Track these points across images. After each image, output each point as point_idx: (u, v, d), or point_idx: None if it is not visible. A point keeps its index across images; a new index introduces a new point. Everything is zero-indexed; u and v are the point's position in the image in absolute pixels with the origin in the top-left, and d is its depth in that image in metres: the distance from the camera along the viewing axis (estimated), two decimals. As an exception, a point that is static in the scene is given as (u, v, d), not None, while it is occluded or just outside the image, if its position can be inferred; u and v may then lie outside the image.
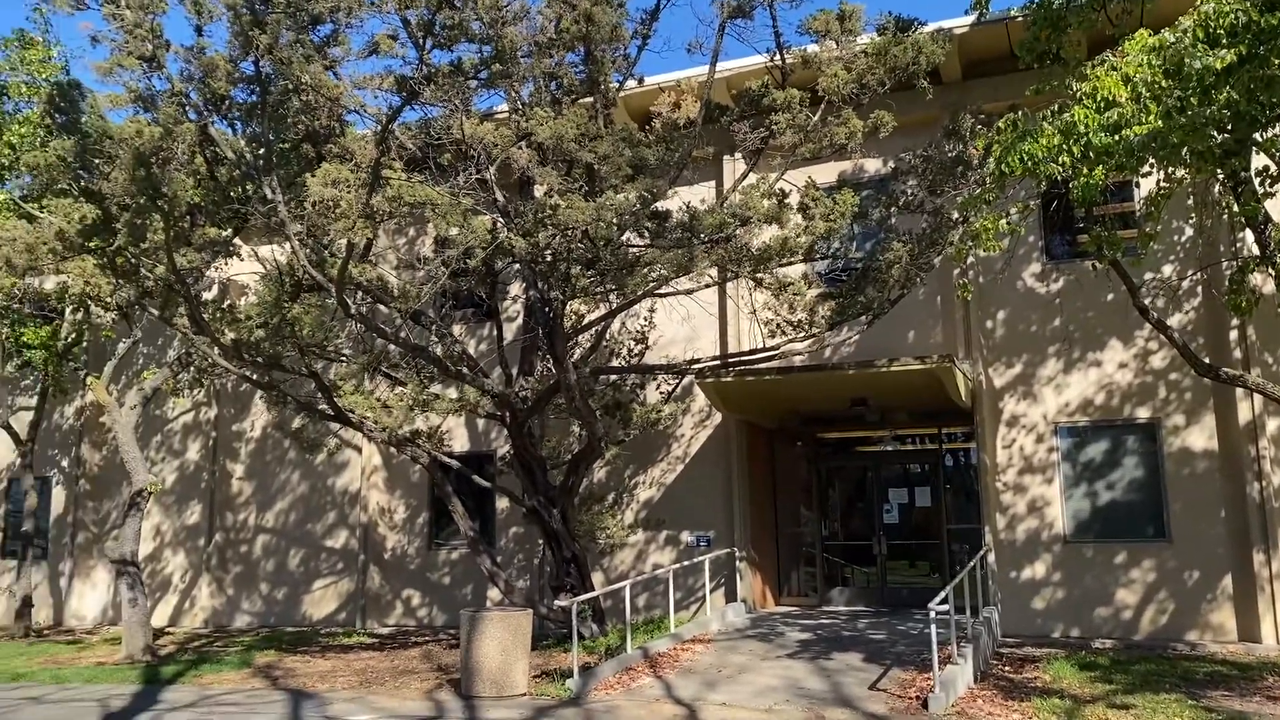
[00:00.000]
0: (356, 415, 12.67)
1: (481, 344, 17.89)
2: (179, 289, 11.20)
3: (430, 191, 10.70)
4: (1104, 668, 11.78)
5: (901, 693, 10.39)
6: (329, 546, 19.00)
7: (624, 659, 12.20)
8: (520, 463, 14.28)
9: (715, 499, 16.48)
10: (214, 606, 19.66)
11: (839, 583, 17.57)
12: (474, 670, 10.95)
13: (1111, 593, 14.38)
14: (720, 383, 14.75)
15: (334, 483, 19.17)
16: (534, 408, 13.41)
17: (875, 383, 14.65)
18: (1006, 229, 9.82)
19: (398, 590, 18.36)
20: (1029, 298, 15.44)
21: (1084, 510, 14.81)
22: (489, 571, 14.26)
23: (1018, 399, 15.31)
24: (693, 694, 10.72)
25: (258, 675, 13.10)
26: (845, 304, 12.80)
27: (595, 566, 16.51)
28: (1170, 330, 11.76)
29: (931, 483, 17.30)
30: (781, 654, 12.66)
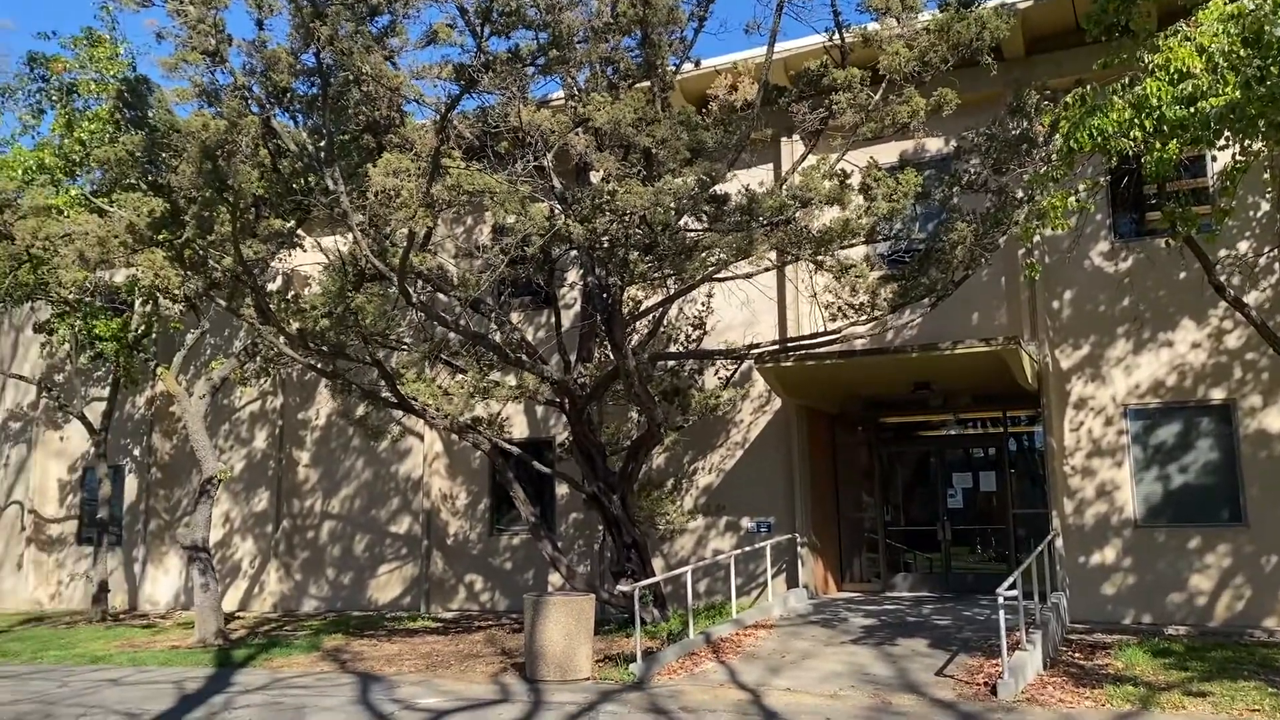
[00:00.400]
0: (419, 402, 12.80)
1: (539, 331, 17.97)
2: (245, 280, 11.40)
3: (488, 179, 10.75)
4: (1178, 654, 11.50)
5: (969, 679, 10.25)
6: (393, 532, 19.27)
7: (686, 644, 12.20)
8: (579, 449, 14.32)
9: (775, 485, 16.40)
10: (282, 591, 20.07)
11: (902, 568, 17.38)
12: (538, 654, 11.03)
13: (1184, 578, 14.03)
14: (780, 367, 14.64)
15: (397, 469, 19.42)
16: (593, 394, 13.43)
17: (939, 366, 14.43)
18: (1075, 206, 9.58)
19: (460, 575, 18.57)
20: (1096, 277, 15.08)
21: (1155, 494, 14.46)
22: (550, 557, 14.36)
23: (1085, 381, 14.98)
24: (756, 679, 10.69)
25: (326, 658, 13.34)
26: (908, 286, 12.60)
27: (655, 552, 16.52)
28: (1247, 308, 11.41)
29: (996, 467, 17.02)
30: (845, 640, 12.57)
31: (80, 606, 21.16)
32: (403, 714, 9.70)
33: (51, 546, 22.73)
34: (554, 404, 14.54)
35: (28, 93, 16.82)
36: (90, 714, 10.17)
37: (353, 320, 11.49)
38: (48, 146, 16.07)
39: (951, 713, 8.96)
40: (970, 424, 17.69)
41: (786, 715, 9.06)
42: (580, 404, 13.58)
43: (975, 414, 17.44)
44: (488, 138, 12.96)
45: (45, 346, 21.85)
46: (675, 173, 10.29)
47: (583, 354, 14.51)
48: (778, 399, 16.55)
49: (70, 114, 16.31)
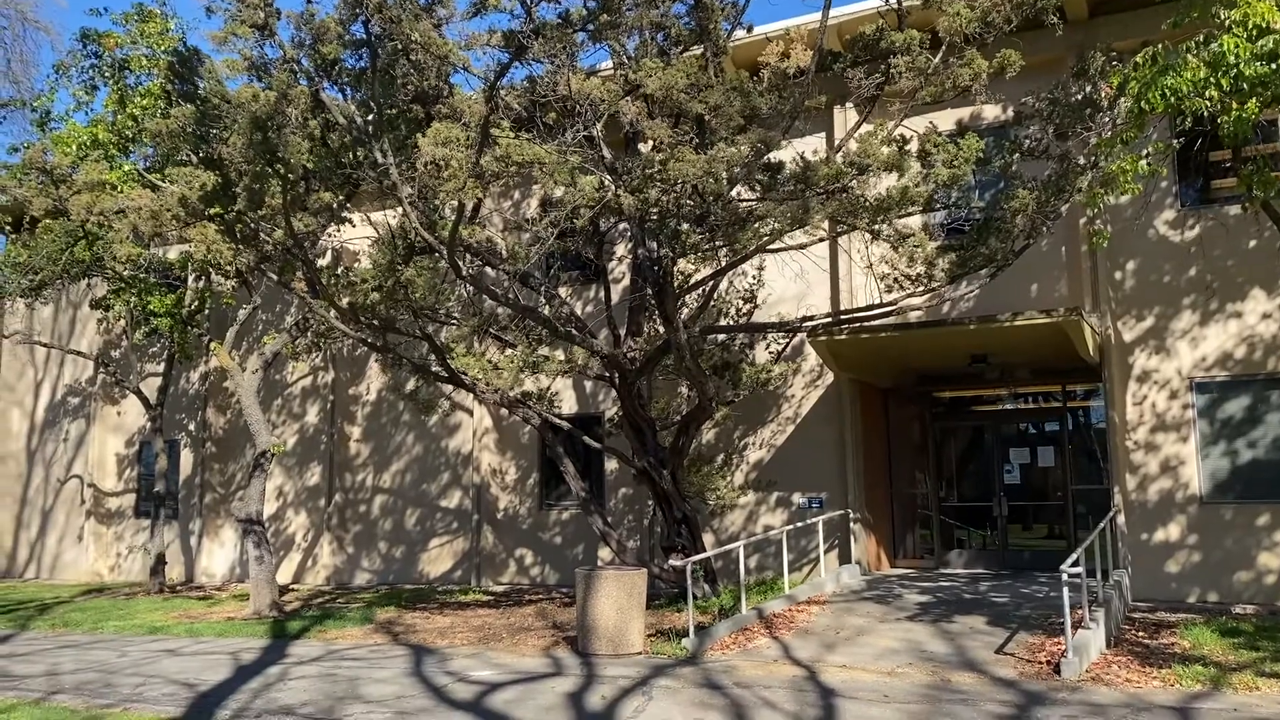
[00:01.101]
0: (469, 377, 12.75)
1: (588, 306, 17.86)
2: (296, 253, 11.38)
3: (538, 150, 10.60)
4: (1248, 634, 11.15)
5: (1030, 657, 10.02)
6: (443, 506, 19.36)
7: (739, 619, 12.09)
8: (630, 424, 14.21)
9: (827, 460, 16.18)
10: (335, 564, 20.27)
11: (956, 545, 17.10)
12: (590, 628, 10.98)
13: (1253, 556, 13.62)
14: (834, 340, 14.38)
15: (447, 444, 19.48)
16: (643, 368, 13.30)
17: (997, 338, 14.09)
18: (1145, 170, 9.21)
19: (510, 549, 18.61)
20: (1161, 246, 14.61)
21: (1222, 470, 14.03)
22: (601, 531, 14.29)
23: (1149, 354, 14.55)
24: (811, 655, 10.54)
25: (379, 631, 13.42)
26: (967, 256, 12.28)
27: (705, 528, 16.41)
28: None
29: (1054, 442, 16.65)
30: (900, 616, 12.37)
31: (139, 578, 21.57)
32: (456, 686, 9.70)
33: (110, 519, 23.17)
34: (603, 379, 14.43)
35: (81, 69, 16.95)
36: (149, 683, 10.30)
37: (402, 294, 11.44)
38: (101, 122, 16.19)
39: (1014, 691, 8.75)
40: (1027, 398, 17.31)
41: (843, 692, 8.91)
42: (630, 378, 13.45)
43: (1033, 388, 17.06)
44: (536, 108, 12.81)
45: (102, 323, 22.20)
46: (728, 141, 10.06)
47: (632, 328, 14.37)
48: (829, 373, 16.30)
49: (123, 90, 16.42)
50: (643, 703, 8.74)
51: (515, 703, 8.93)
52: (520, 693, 9.33)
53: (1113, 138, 9.21)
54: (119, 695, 9.71)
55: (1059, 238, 15.10)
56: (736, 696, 8.87)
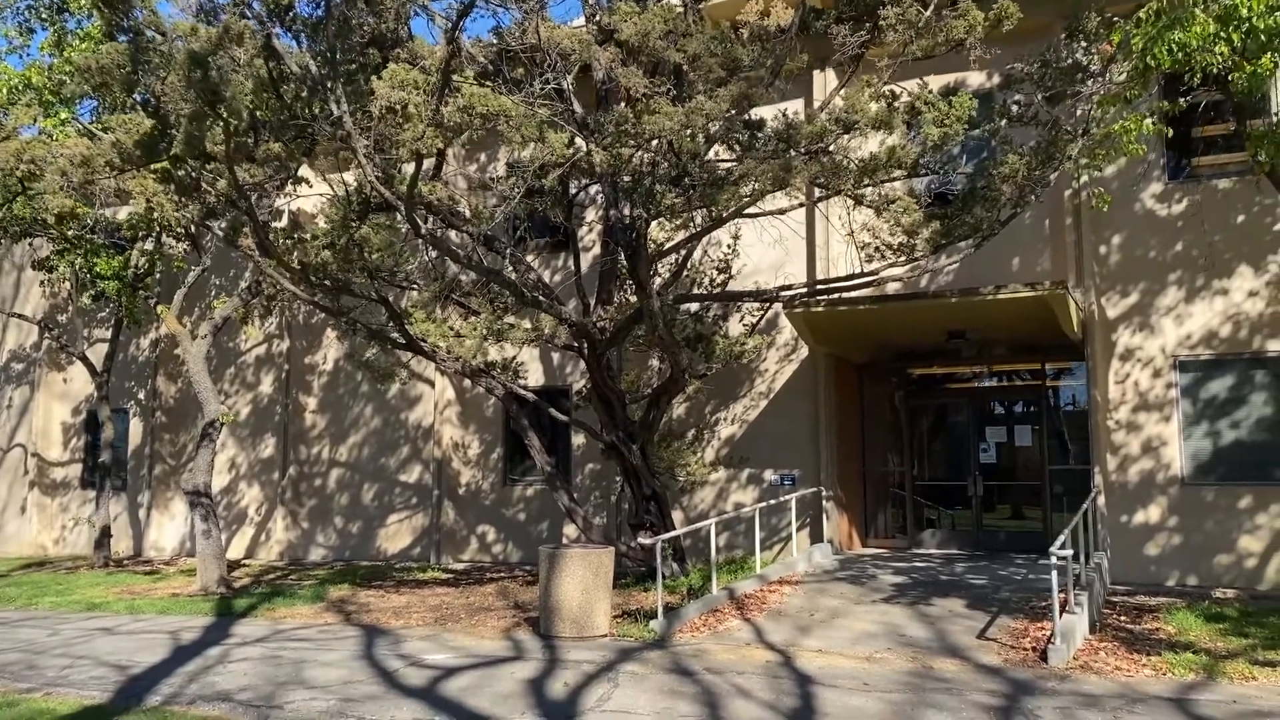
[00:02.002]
0: (429, 344, 12.08)
1: (556, 275, 17.20)
2: (242, 205, 10.63)
3: (504, 101, 9.92)
4: (1233, 620, 10.79)
5: (1014, 643, 9.58)
6: (402, 481, 18.68)
7: (709, 600, 11.58)
8: (598, 396, 13.61)
9: (800, 436, 15.68)
10: (289, 539, 19.55)
11: (929, 525, 16.71)
12: (553, 610, 10.41)
13: (1234, 539, 13.29)
14: (810, 313, 13.85)
15: (406, 417, 18.78)
16: (613, 338, 12.69)
17: (979, 312, 13.61)
18: (1150, 130, 8.70)
19: (472, 526, 17.99)
20: (1148, 220, 14.18)
21: (1204, 450, 13.68)
22: (566, 508, 13.71)
23: (1133, 330, 14.14)
24: (784, 639, 10.05)
25: (331, 610, 12.78)
26: (952, 225, 11.75)
27: (674, 505, 15.89)
28: None
29: (1031, 421, 16.25)
30: (876, 598, 11.91)
31: (84, 552, 20.72)
32: (409, 671, 9.09)
33: (55, 490, 22.27)
34: (571, 349, 13.81)
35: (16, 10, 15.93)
36: (78, 665, 9.60)
37: (357, 253, 10.74)
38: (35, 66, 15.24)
39: (1000, 680, 8.29)
40: (1005, 376, 16.90)
41: (821, 680, 8.41)
42: (600, 348, 12.84)
43: (1010, 366, 16.65)
44: (503, 61, 12.10)
45: (45, 285, 21.21)
46: (708, 94, 9.43)
47: (603, 296, 13.74)
48: (804, 347, 15.79)
49: (60, 33, 15.45)
50: (608, 690, 8.19)
51: (471, 690, 8.34)
52: (477, 678, 8.75)
53: (1115, 95, 8.68)
54: (43, 679, 9.02)
55: (1042, 210, 14.64)
56: (708, 684, 8.34)
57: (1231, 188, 13.69)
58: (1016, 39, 13.72)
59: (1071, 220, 14.48)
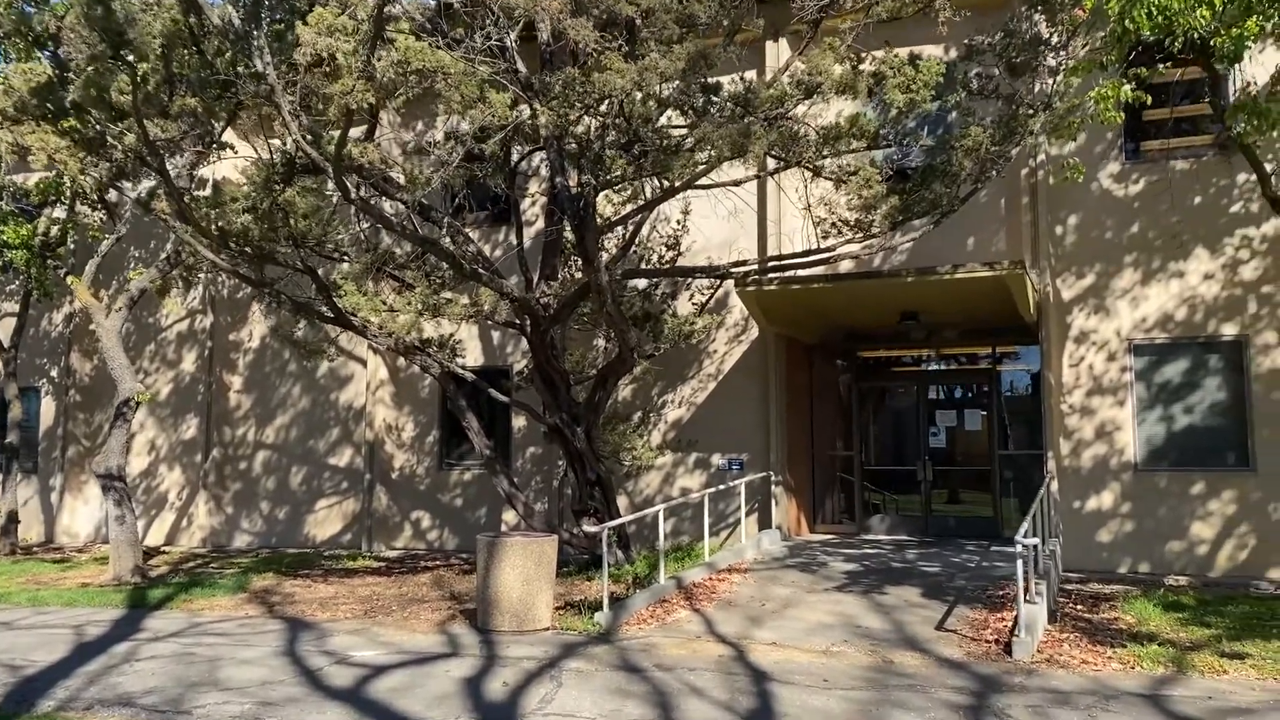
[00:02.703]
0: (359, 319, 11.32)
1: (497, 250, 16.46)
2: (153, 163, 9.75)
3: (442, 56, 9.21)
4: (1191, 609, 10.56)
5: (975, 635, 9.18)
6: (333, 465, 17.84)
7: (656, 590, 11.03)
8: (541, 376, 12.95)
9: (749, 420, 15.20)
10: (212, 525, 18.59)
11: (879, 510, 16.38)
12: (491, 602, 9.76)
13: (1186, 526, 13.12)
14: (763, 291, 13.34)
15: (337, 397, 17.92)
16: (558, 315, 12.04)
17: (935, 292, 13.23)
18: (1129, 97, 8.28)
19: (406, 512, 17.23)
20: (1104, 201, 13.91)
21: (1158, 435, 13.49)
22: (506, 493, 13.05)
23: (1088, 313, 13.88)
24: (737, 631, 9.54)
25: (253, 601, 11.98)
26: (910, 200, 11.30)
27: (619, 490, 15.31)
28: None
29: (982, 406, 15.98)
30: (829, 586, 11.48)
31: (-10, 539, 19.48)
32: (334, 669, 8.39)
33: (-40, 474, 20.93)
34: (513, 326, 13.13)
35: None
36: (-35, 666, 8.73)
37: (281, 218, 9.93)
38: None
39: (965, 675, 7.87)
40: (956, 360, 16.61)
41: (778, 676, 7.90)
42: (543, 325, 12.18)
43: (961, 349, 16.37)
44: (442, 17, 11.32)
45: (-54, 254, 19.85)
46: (663, 52, 8.81)
47: (546, 271, 13.08)
48: (754, 328, 15.30)
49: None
50: (551, 690, 7.59)
51: (402, 690, 7.68)
52: (408, 677, 8.09)
53: (1089, 61, 8.24)
54: (-77, 681, 8.15)
55: (999, 190, 14.31)
56: (658, 681, 7.79)
57: (1189, 169, 13.47)
58: (979, 11, 13.38)
59: (1028, 200, 14.16)
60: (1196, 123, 13.89)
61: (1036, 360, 15.31)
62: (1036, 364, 15.37)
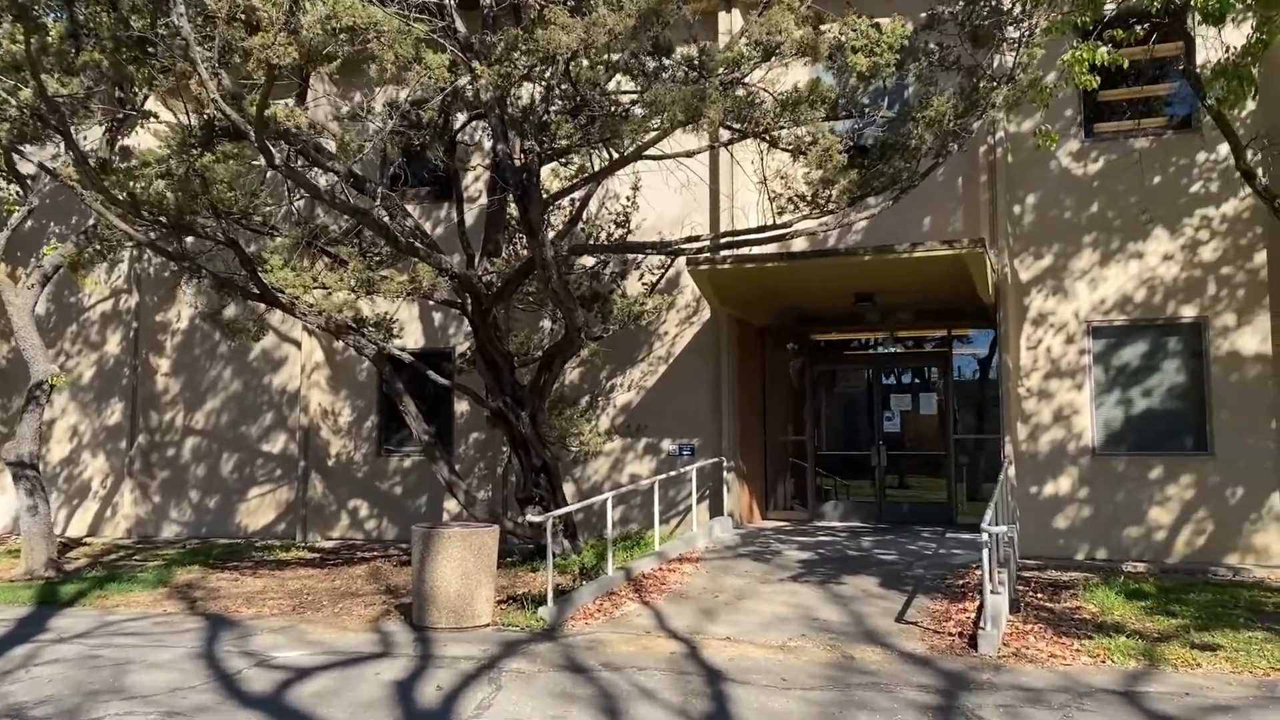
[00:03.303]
0: (286, 295, 10.59)
1: (439, 227, 15.75)
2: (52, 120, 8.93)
3: (374, 11, 8.52)
4: (1153, 597, 10.27)
5: (937, 627, 8.78)
6: (266, 451, 17.02)
7: (604, 582, 10.49)
8: (484, 358, 12.31)
9: (701, 404, 14.71)
10: (138, 515, 17.68)
11: (832, 496, 16.00)
12: (428, 597, 9.14)
13: (1144, 511, 12.89)
14: (715, 270, 12.82)
15: (271, 381, 17.09)
16: (501, 292, 11.41)
17: (892, 272, 12.82)
18: (1106, 59, 7.86)
19: (343, 500, 16.49)
20: (1064, 180, 13.59)
21: (1116, 419, 13.23)
22: (446, 481, 12.41)
23: (1046, 294, 13.57)
24: (689, 625, 9.04)
25: (173, 596, 11.23)
26: (869, 175, 10.85)
27: (566, 477, 14.75)
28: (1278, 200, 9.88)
29: (936, 389, 15.66)
30: (783, 576, 11.03)
31: (-103, 531, 18.40)
32: (253, 673, 7.73)
33: None
34: (454, 305, 12.47)
35: None
36: None
37: (200, 186, 9.18)
38: None
39: (931, 672, 7.44)
40: (910, 343, 16.26)
41: (734, 675, 7.41)
42: (485, 304, 11.54)
43: (916, 332, 16.01)
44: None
45: None
46: (612, 8, 8.21)
47: (489, 247, 12.42)
48: (706, 309, 14.80)
49: None
50: (489, 694, 7.02)
51: (326, 696, 7.06)
52: (334, 681, 7.46)
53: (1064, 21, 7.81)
54: None
55: (956, 168, 13.93)
56: (605, 683, 7.25)
57: (1149, 148, 13.20)
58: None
59: (986, 178, 13.80)
60: (1151, 104, 13.64)
61: (992, 344, 15.03)
62: (993, 348, 15.09)
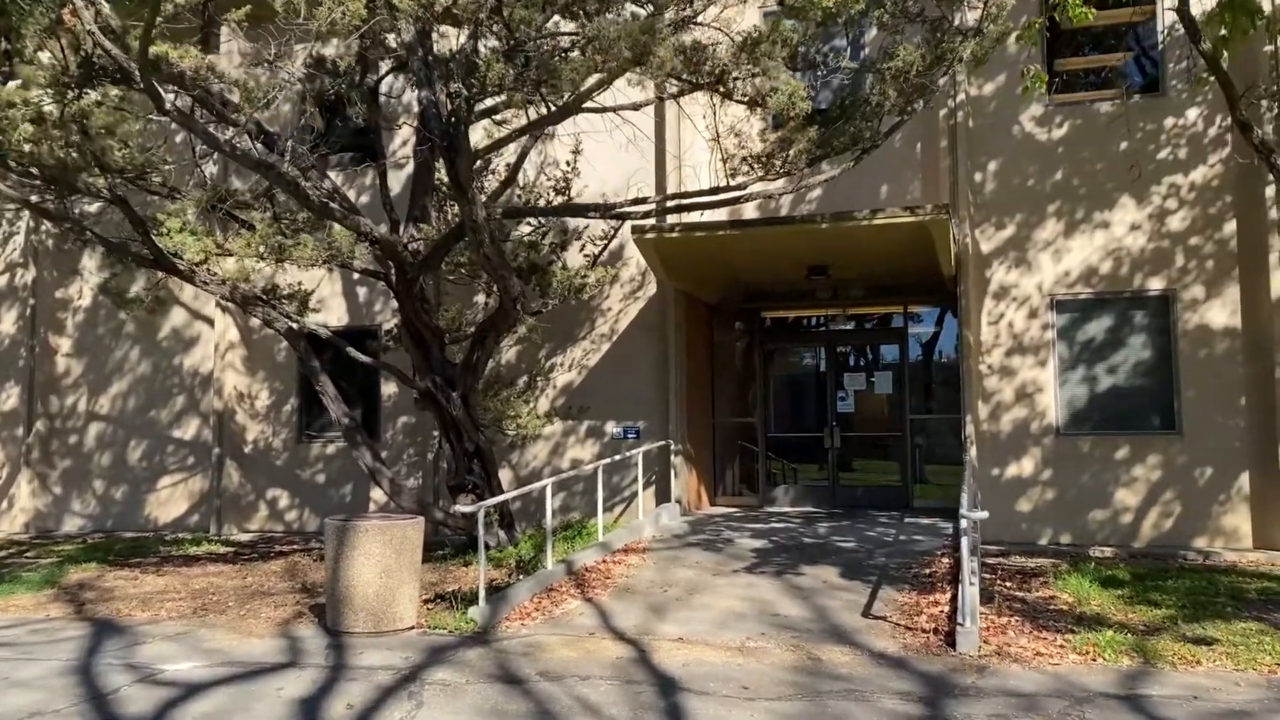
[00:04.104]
0: (185, 262, 9.45)
1: (363, 195, 14.62)
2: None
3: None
4: (1128, 584, 9.66)
5: (909, 622, 8.02)
6: (177, 438, 15.77)
7: (543, 576, 9.57)
8: (410, 334, 11.28)
9: (647, 384, 13.84)
10: (37, 508, 16.30)
11: (784, 480, 15.25)
12: (344, 599, 8.14)
13: (1110, 493, 12.33)
14: (663, 239, 11.93)
15: (181, 362, 15.83)
16: (428, 260, 10.38)
17: (851, 241, 12.06)
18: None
19: (261, 490, 15.32)
20: (1027, 145, 12.94)
21: (1081, 397, 12.64)
22: (369, 468, 11.36)
23: (1009, 267, 12.92)
24: (637, 624, 8.17)
25: (61, 599, 10.06)
26: (830, 134, 10.02)
27: (503, 463, 13.80)
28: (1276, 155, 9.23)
29: (893, 369, 14.96)
30: (738, 567, 10.22)
31: None
32: (133, 691, 6.68)
33: None
34: (377, 275, 11.42)
35: None
36: None
37: (78, 133, 8.02)
38: None
39: (909, 675, 6.65)
40: (865, 320, 15.54)
41: (689, 684, 6.55)
42: (411, 273, 10.50)
43: (871, 308, 15.30)
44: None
45: None
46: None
47: (415, 213, 11.36)
48: (652, 284, 13.91)
49: None
50: (408, 712, 6.07)
51: (215, 718, 6.04)
52: (229, 698, 6.44)
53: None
54: None
55: (914, 132, 13.22)
56: (543, 696, 6.34)
57: (1116, 112, 12.58)
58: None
59: (947, 143, 13.09)
60: (1116, 69, 13.07)
61: (950, 320, 14.38)
62: (950, 324, 14.44)
